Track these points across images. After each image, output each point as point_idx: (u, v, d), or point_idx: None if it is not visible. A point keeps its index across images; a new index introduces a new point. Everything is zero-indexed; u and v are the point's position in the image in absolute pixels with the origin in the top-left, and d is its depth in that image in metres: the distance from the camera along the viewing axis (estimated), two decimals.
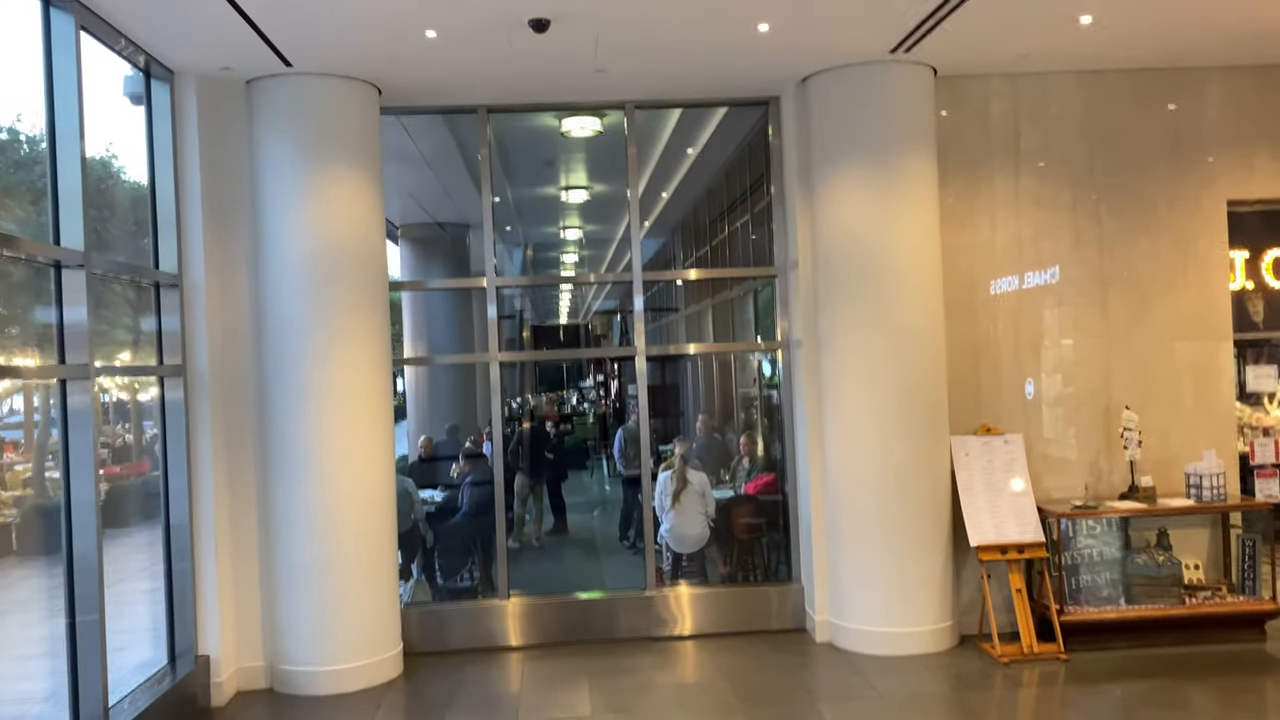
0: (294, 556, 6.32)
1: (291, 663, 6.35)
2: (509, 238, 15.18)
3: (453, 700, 6.09)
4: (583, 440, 17.74)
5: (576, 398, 23.04)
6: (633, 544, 10.01)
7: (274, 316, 6.34)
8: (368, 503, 6.48)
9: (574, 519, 12.17)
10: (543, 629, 7.22)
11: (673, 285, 16.68)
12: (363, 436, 6.47)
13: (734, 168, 9.87)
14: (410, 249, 13.90)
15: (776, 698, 5.98)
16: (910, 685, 6.07)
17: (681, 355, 15.69)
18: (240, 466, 6.46)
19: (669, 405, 14.27)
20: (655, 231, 14.08)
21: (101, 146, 6.03)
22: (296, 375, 6.31)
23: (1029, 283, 7.08)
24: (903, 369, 6.61)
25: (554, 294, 29.32)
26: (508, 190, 11.65)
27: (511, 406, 13.44)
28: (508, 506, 10.68)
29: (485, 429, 9.27)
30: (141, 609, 6.46)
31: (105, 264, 5.42)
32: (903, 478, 6.61)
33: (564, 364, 24.50)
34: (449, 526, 8.64)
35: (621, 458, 11.18)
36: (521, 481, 11.06)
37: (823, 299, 6.88)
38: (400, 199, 11.72)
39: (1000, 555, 6.64)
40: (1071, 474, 7.09)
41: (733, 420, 11.76)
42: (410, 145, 9.03)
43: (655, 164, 10.03)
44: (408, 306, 13.85)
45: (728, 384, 12.68)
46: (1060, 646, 6.46)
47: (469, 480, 8.64)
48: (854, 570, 6.76)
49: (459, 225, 13.19)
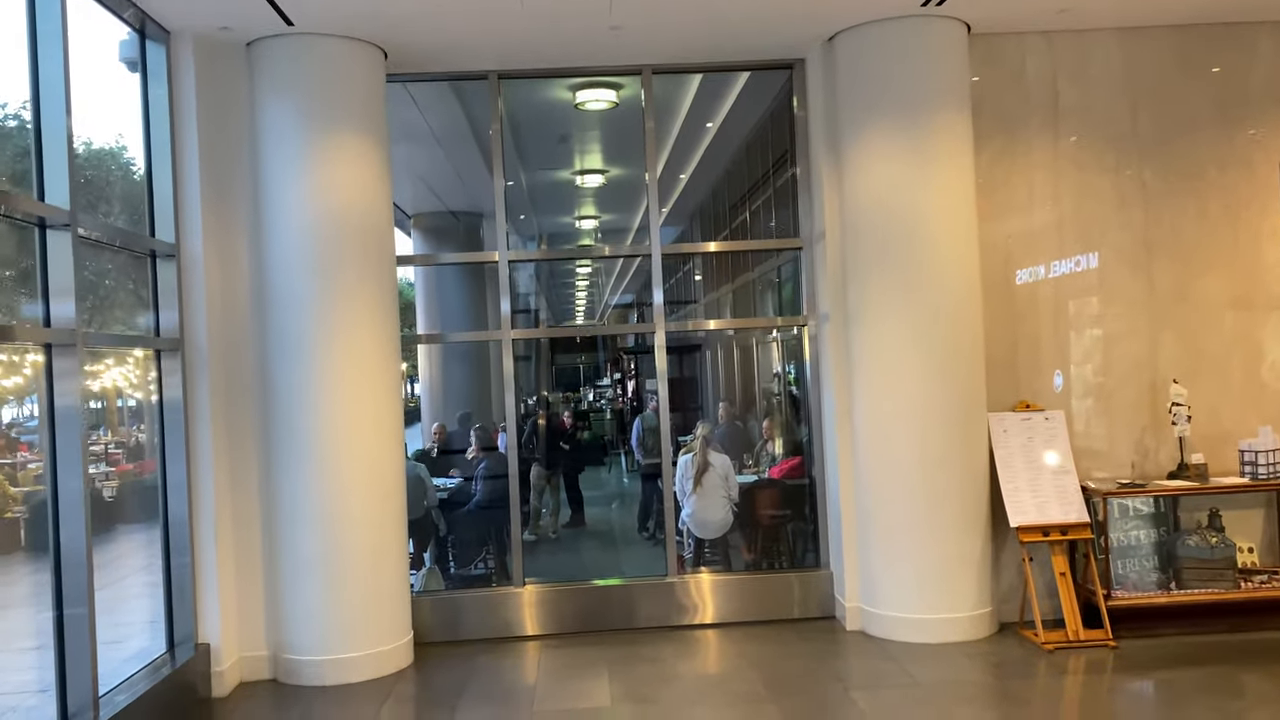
0: (298, 541, 6.02)
1: (296, 652, 6.05)
2: (523, 228, 14.89)
3: (465, 690, 5.78)
4: (600, 437, 17.47)
5: (593, 395, 22.82)
6: (652, 535, 9.68)
7: (275, 289, 6.05)
8: (376, 484, 6.17)
9: (592, 512, 11.85)
10: (560, 618, 6.90)
11: (691, 277, 16.38)
12: (370, 414, 6.17)
13: (755, 144, 9.55)
14: (423, 238, 13.65)
15: (806, 686, 5.64)
16: (949, 673, 5.71)
17: (701, 342, 15.41)
18: (241, 446, 6.17)
19: (688, 399, 13.96)
20: (672, 220, 13.76)
21: (96, 114, 5.76)
22: (300, 351, 6.01)
23: (1069, 251, 6.71)
24: (937, 341, 6.26)
25: (570, 294, 29.13)
26: (521, 174, 11.36)
27: (527, 404, 13.10)
28: (523, 499, 10.46)
29: (500, 424, 9.00)
30: (146, 603, 6.18)
31: (95, 225, 5.13)
32: (938, 456, 6.25)
33: (580, 364, 24.28)
34: (463, 515, 8.34)
35: (640, 448, 10.85)
36: (537, 473, 10.74)
37: (851, 270, 6.54)
38: (411, 184, 11.47)
39: (1042, 537, 6.27)
40: (1116, 453, 6.71)
41: (754, 409, 11.43)
42: (420, 121, 8.76)
43: (673, 143, 9.72)
44: (421, 298, 13.63)
45: (749, 376, 12.36)
46: (1108, 632, 6.08)
47: (483, 467, 8.34)
48: (887, 554, 6.41)
49: (472, 214, 12.91)
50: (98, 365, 6.70)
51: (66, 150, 4.67)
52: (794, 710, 5.24)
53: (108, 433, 7.06)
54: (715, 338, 14.46)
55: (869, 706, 5.23)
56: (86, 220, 4.92)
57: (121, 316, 6.30)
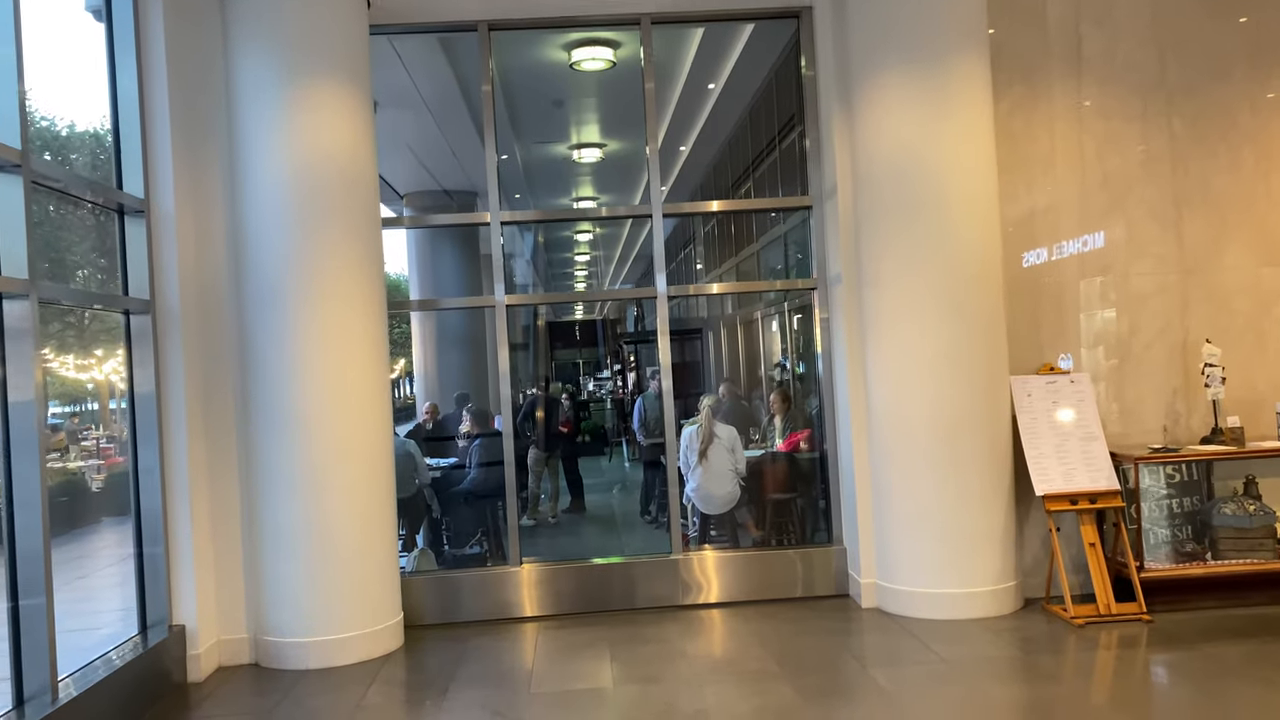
0: (279, 517, 5.65)
1: (277, 634, 5.68)
2: (519, 209, 14.54)
3: (457, 673, 5.41)
4: (600, 426, 17.16)
5: (593, 385, 22.56)
6: (655, 518, 9.32)
7: (253, 248, 5.69)
8: (361, 455, 5.81)
9: (592, 499, 11.52)
10: (559, 598, 6.54)
11: (692, 260, 16.03)
12: (356, 383, 5.80)
13: (759, 109, 9.18)
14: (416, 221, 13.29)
15: (822, 664, 5.27)
16: (975, 649, 5.34)
17: (701, 326, 15.08)
18: (218, 415, 5.81)
19: (689, 384, 13.59)
20: (673, 197, 13.41)
21: (60, 64, 5.40)
22: (280, 314, 5.64)
23: (1092, 205, 6.34)
24: (956, 301, 5.89)
25: (569, 286, 28.78)
26: (515, 148, 10.99)
27: (525, 393, 12.71)
28: (522, 485, 10.07)
29: (498, 413, 8.65)
30: (130, 590, 5.81)
31: (52, 170, 4.74)
32: (958, 423, 5.88)
33: (580, 359, 23.96)
34: (456, 494, 7.96)
35: (641, 428, 10.46)
36: (535, 455, 10.37)
37: (865, 228, 6.17)
38: (403, 161, 11.12)
39: (1070, 505, 5.91)
40: (1145, 418, 6.35)
41: (759, 389, 11.06)
42: (409, 88, 8.40)
43: (673, 111, 9.36)
44: (415, 287, 13.28)
45: (753, 355, 12.01)
46: (1142, 606, 5.72)
47: (477, 444, 7.96)
48: (904, 528, 6.04)
49: (467, 193, 12.55)
50: (88, 359, 6.36)
51: (17, 87, 4.31)
52: (810, 688, 4.88)
53: (101, 428, 6.70)
54: (716, 320, 14.12)
55: (891, 684, 4.87)
56: (42, 165, 4.55)
57: (87, 277, 5.92)
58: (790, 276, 9.16)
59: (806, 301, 7.37)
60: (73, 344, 6.29)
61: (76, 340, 6.34)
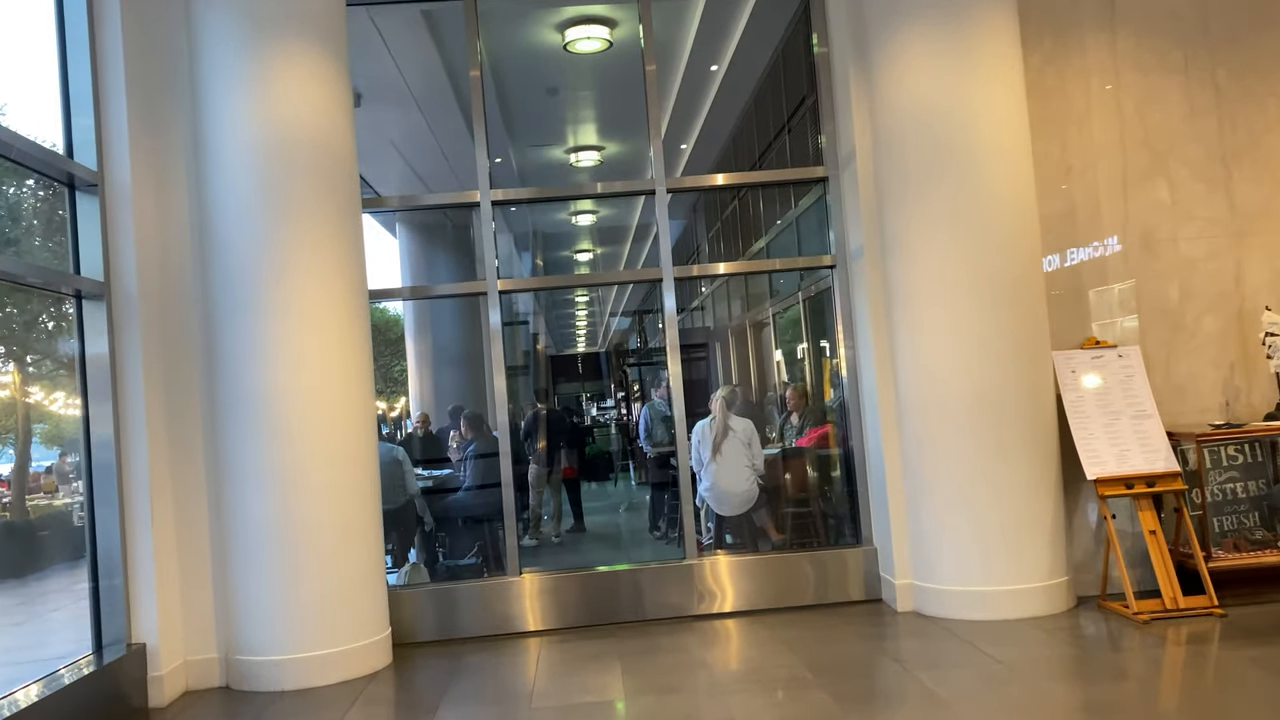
0: (251, 521, 5.09)
1: (250, 652, 5.10)
2: (514, 221, 14.09)
3: (450, 690, 4.82)
4: (605, 451, 16.66)
5: (596, 411, 22.16)
6: (664, 534, 8.73)
7: (220, 226, 5.18)
8: (342, 458, 5.26)
9: (599, 519, 10.98)
10: (563, 610, 5.95)
11: (697, 283, 15.53)
12: (335, 376, 5.27)
13: (766, 92, 8.71)
14: (410, 238, 12.84)
15: (861, 670, 4.69)
16: (1030, 650, 4.75)
17: (706, 341, 14.58)
18: (182, 412, 5.27)
19: (697, 401, 13.07)
20: (675, 210, 12.95)
21: None
22: (250, 300, 5.12)
23: (1133, 165, 5.84)
24: (991, 270, 5.37)
25: (571, 320, 28.34)
26: (510, 152, 10.55)
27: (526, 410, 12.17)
28: (523, 505, 9.47)
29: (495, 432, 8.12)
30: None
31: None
32: (998, 404, 5.34)
33: (583, 390, 23.53)
34: (450, 504, 7.39)
35: (648, 439, 9.90)
36: (536, 473, 9.79)
37: (888, 195, 5.66)
38: (394, 170, 10.67)
39: (1125, 490, 5.34)
40: (1200, 395, 5.80)
41: (771, 395, 10.52)
42: (396, 77, 7.97)
43: (675, 100, 8.90)
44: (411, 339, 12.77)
45: (763, 361, 11.48)
46: (1212, 598, 5.13)
47: (471, 451, 7.41)
48: (942, 522, 5.47)
49: (461, 205, 12.12)
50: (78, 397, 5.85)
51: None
52: (850, 695, 4.29)
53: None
54: (723, 331, 13.62)
55: (941, 687, 4.28)
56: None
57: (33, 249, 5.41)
58: (802, 277, 8.65)
59: (825, 285, 6.86)
60: (65, 382, 5.81)
61: (68, 379, 5.86)
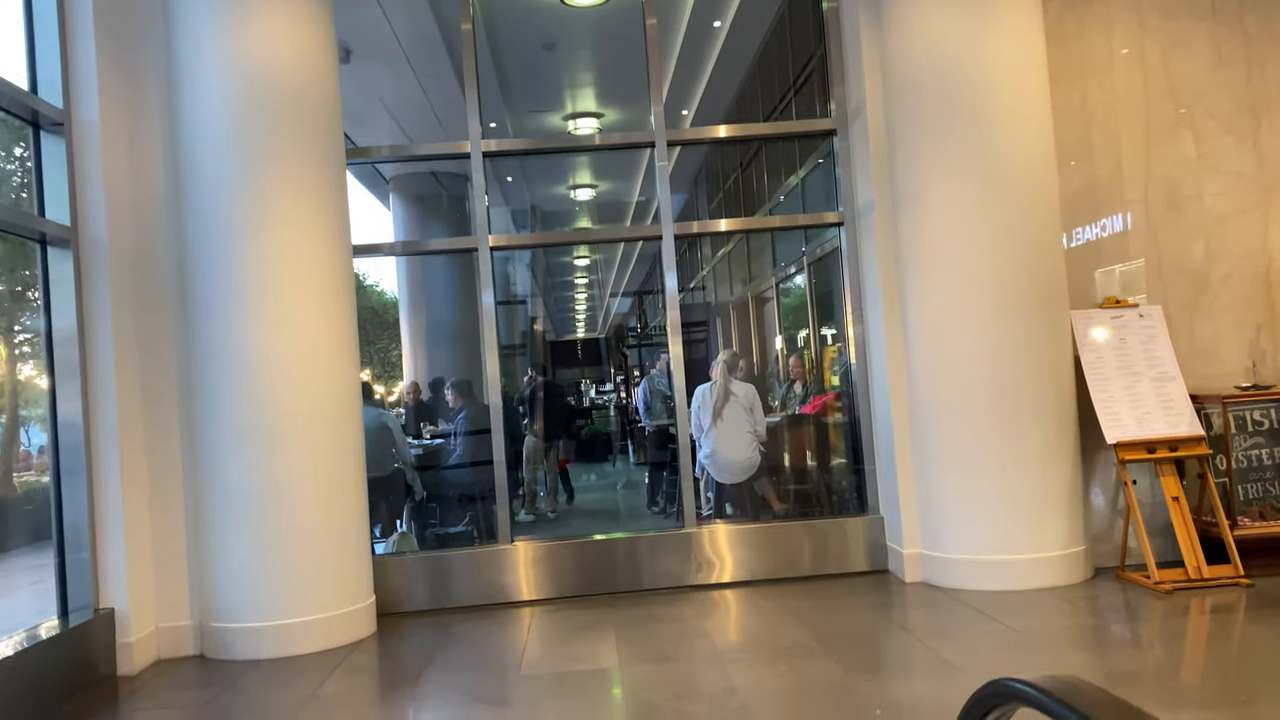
0: (228, 481, 4.83)
1: (226, 619, 4.84)
2: (512, 195, 13.82)
3: (435, 658, 4.57)
4: (603, 432, 16.48)
5: (594, 392, 22.05)
6: (663, 509, 8.48)
7: (194, 169, 4.90)
8: (324, 418, 4.99)
9: (597, 495, 10.77)
10: (557, 579, 5.70)
11: (698, 251, 15.27)
12: (317, 332, 5.00)
13: (772, 48, 8.41)
14: (403, 205, 12.58)
15: (870, 640, 4.44)
16: (1049, 620, 4.50)
17: (707, 319, 14.32)
18: (156, 366, 5.00)
19: (698, 378, 12.84)
20: (677, 184, 12.67)
21: None
22: (228, 249, 4.85)
23: (1157, 116, 5.57)
24: (1007, 224, 5.10)
25: (570, 303, 28.07)
26: (506, 119, 10.26)
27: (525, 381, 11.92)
28: (518, 481, 9.23)
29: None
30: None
31: None
32: (1014, 365, 5.07)
33: (583, 376, 23.39)
34: (442, 473, 7.14)
35: (647, 413, 9.65)
36: (532, 444, 9.53)
37: (900, 147, 5.39)
38: (387, 137, 10.39)
39: (1147, 454, 5.08)
40: (1223, 358, 5.54)
41: (774, 369, 10.26)
42: (387, 33, 7.68)
43: (675, 62, 8.61)
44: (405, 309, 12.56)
45: (764, 336, 11.22)
46: (1238, 568, 4.88)
47: (463, 417, 7.14)
48: (954, 489, 5.21)
49: (458, 176, 11.82)
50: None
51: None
52: (859, 663, 4.04)
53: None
54: (725, 308, 13.35)
55: (957, 656, 4.02)
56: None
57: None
58: (807, 240, 8.38)
59: (830, 248, 6.60)
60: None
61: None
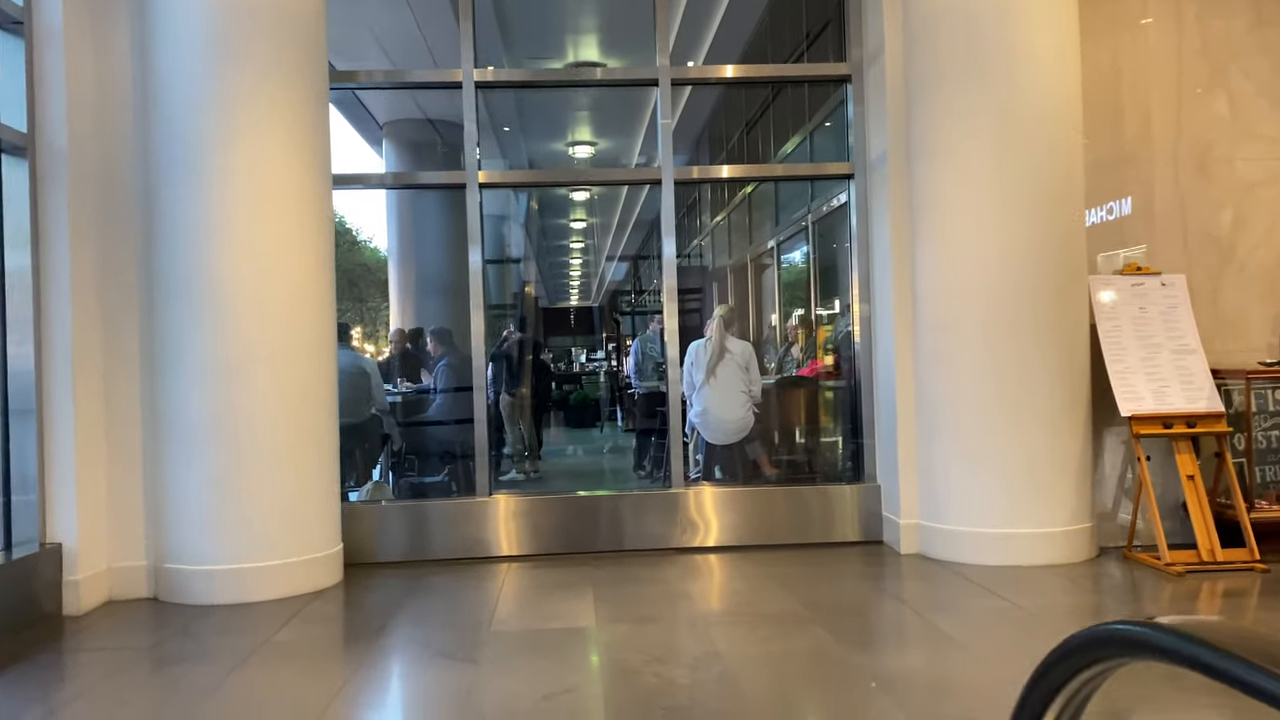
0: (190, 419, 4.53)
1: (182, 560, 4.56)
2: (510, 153, 13.45)
3: (401, 610, 4.30)
4: (592, 398, 16.25)
5: (585, 358, 21.86)
6: (649, 473, 8.21)
7: (164, 79, 4.56)
8: (294, 352, 4.69)
9: (583, 460, 10.61)
10: (536, 535, 5.43)
11: (697, 218, 14.96)
12: (290, 261, 4.69)
13: (782, 7, 8.07)
14: (397, 153, 12.23)
15: (862, 609, 4.19)
16: (1054, 597, 4.25)
17: (702, 286, 14.04)
18: (116, 290, 4.69)
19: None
20: (678, 145, 12.32)
21: None
22: (196, 163, 4.52)
23: (1189, 74, 5.26)
24: (1027, 179, 4.80)
25: (565, 269, 27.69)
26: (505, 63, 9.88)
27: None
28: (501, 441, 8.96)
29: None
30: None
31: None
32: (1026, 329, 4.79)
33: (575, 344, 23.19)
34: (421, 422, 6.86)
35: (637, 373, 9.36)
36: (508, 403, 9.23)
37: (918, 94, 5.07)
38: (385, 92, 10.01)
39: (1163, 429, 4.82)
40: (1248, 333, 5.27)
41: (769, 334, 9.99)
42: None
43: (682, 13, 8.26)
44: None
45: (761, 303, 10.96)
46: (1254, 552, 4.63)
47: (444, 365, 6.85)
48: (958, 458, 4.94)
49: (454, 125, 11.47)
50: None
51: None
52: (849, 633, 3.78)
53: None
54: (722, 273, 13.07)
55: (957, 630, 3.77)
56: None
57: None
58: (812, 198, 8.08)
59: (836, 205, 6.30)
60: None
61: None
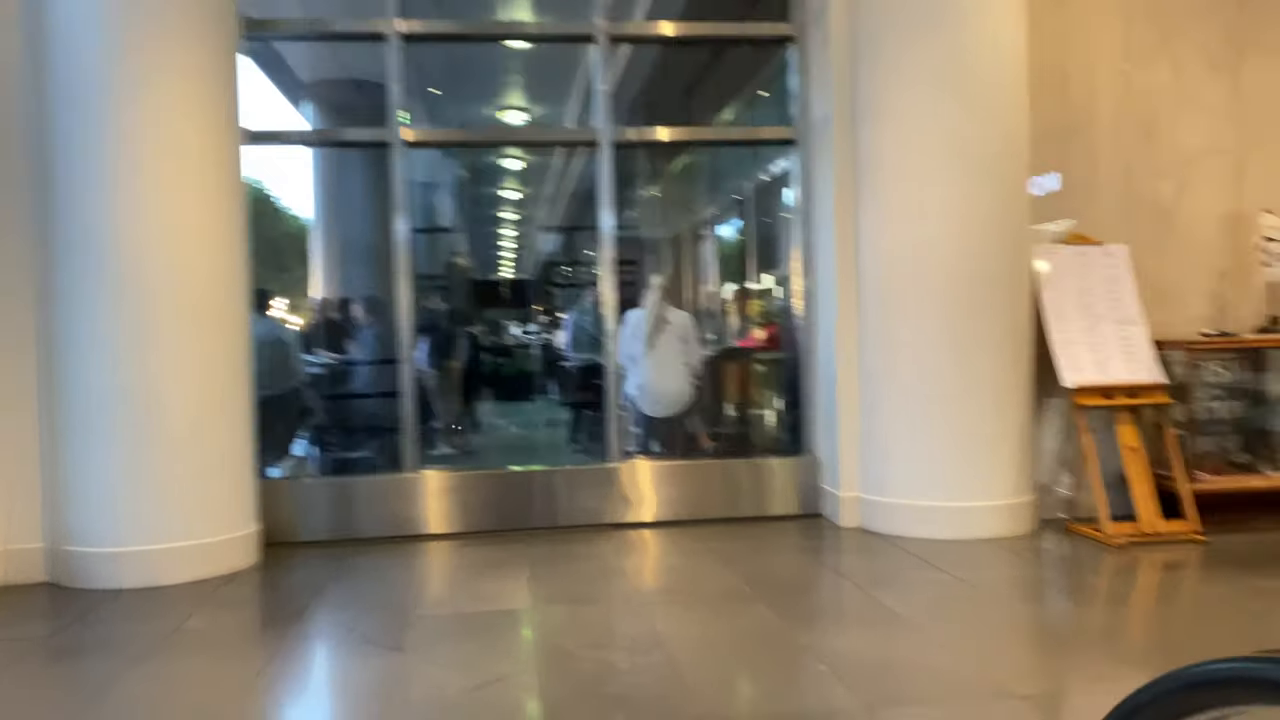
0: (90, 390, 4.19)
1: (82, 543, 4.24)
2: (437, 116, 13.01)
3: (324, 593, 4.05)
4: (525, 371, 15.99)
5: (518, 331, 21.44)
6: (585, 448, 8.03)
7: (61, 28, 4.19)
8: (204, 318, 4.37)
9: (516, 435, 10.39)
10: (467, 513, 5.20)
11: (634, 190, 14.71)
12: (197, 220, 4.36)
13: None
14: (321, 112, 11.74)
15: (806, 586, 4.07)
16: (997, 571, 4.18)
17: (638, 259, 13.85)
18: (8, 251, 4.32)
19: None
20: (616, 112, 12.10)
21: None
22: (96, 121, 4.16)
23: (1135, 44, 5.20)
24: (972, 141, 4.69)
25: (497, 243, 27.18)
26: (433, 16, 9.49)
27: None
28: (427, 415, 8.69)
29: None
30: None
31: None
32: (974, 298, 4.69)
33: (508, 317, 22.80)
34: (345, 395, 6.57)
35: (574, 347, 9.14)
36: (435, 376, 8.91)
37: (864, 53, 4.92)
38: (310, 48, 9.53)
39: (1105, 400, 4.77)
40: (1186, 304, 5.26)
41: (709, 307, 9.85)
42: None
43: None
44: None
45: (699, 277, 10.82)
46: (1195, 523, 4.62)
47: (372, 334, 6.56)
48: (899, 430, 4.84)
49: (380, 87, 11.05)
50: None
51: None
52: (795, 611, 3.65)
53: None
54: (659, 245, 12.88)
55: (902, 606, 3.66)
56: None
57: None
58: (749, 168, 7.91)
59: (776, 173, 6.14)
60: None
61: None
